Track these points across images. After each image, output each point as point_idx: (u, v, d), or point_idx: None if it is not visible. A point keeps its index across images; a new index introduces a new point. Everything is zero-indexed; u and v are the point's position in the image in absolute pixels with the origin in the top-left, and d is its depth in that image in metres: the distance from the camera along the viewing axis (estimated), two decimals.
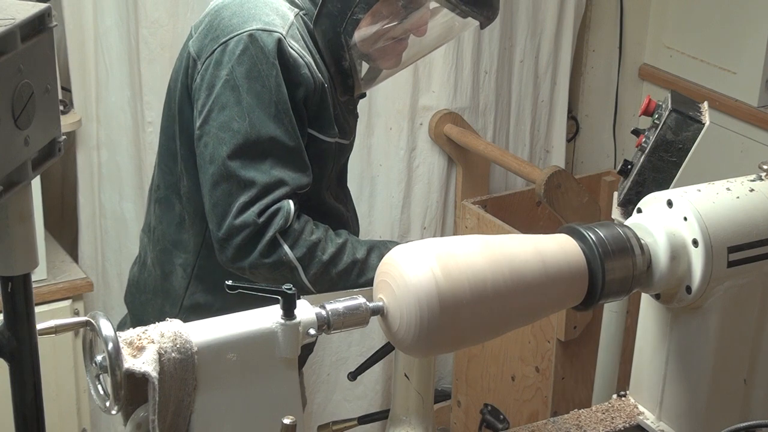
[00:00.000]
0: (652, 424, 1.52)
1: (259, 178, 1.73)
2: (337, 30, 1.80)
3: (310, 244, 1.76)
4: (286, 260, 1.74)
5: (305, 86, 1.77)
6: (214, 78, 1.76)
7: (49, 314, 2.39)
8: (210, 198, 1.76)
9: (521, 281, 1.30)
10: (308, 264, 1.76)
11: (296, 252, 1.74)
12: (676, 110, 1.88)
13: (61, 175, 2.92)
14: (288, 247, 1.74)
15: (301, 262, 1.75)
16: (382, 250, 1.83)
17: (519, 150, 3.45)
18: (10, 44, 0.95)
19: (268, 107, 1.73)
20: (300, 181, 1.76)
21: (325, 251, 1.77)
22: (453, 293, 1.24)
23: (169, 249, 1.94)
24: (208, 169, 1.76)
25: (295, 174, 1.76)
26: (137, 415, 1.20)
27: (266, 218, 1.72)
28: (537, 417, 2.88)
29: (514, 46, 3.34)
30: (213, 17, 1.81)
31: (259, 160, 1.73)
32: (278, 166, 1.74)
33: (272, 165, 1.74)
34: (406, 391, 1.59)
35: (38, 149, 1.03)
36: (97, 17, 2.70)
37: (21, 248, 1.04)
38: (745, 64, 3.15)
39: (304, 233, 1.76)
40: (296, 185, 1.76)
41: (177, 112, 1.86)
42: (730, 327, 1.44)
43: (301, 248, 1.75)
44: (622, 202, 1.94)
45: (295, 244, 1.75)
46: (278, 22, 1.77)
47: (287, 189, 1.74)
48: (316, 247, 1.77)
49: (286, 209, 1.73)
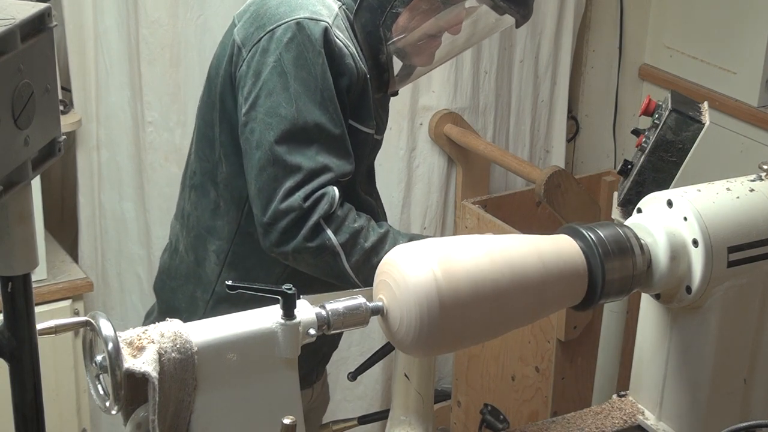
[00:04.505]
0: (652, 424, 1.52)
1: (305, 163, 1.74)
2: (377, 23, 1.83)
3: (353, 231, 1.77)
4: (330, 245, 1.75)
5: (349, 76, 1.79)
6: (261, 65, 1.77)
7: (49, 314, 2.39)
8: (255, 183, 1.78)
9: (521, 281, 1.30)
10: (351, 250, 1.77)
11: (339, 237, 1.76)
12: (676, 110, 1.88)
13: (61, 175, 2.92)
14: (332, 232, 1.75)
15: (344, 248, 1.76)
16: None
17: (519, 150, 3.45)
18: (10, 44, 0.95)
19: (315, 94, 1.75)
20: (344, 168, 1.78)
21: (368, 239, 1.78)
22: (453, 293, 1.24)
23: (203, 235, 1.96)
24: (254, 154, 1.77)
25: (340, 161, 1.78)
26: (137, 415, 1.20)
27: (311, 203, 1.74)
28: (537, 417, 2.88)
29: (514, 46, 3.34)
30: (259, 6, 1.83)
31: (305, 146, 1.75)
32: (323, 152, 1.76)
33: (318, 151, 1.75)
34: (406, 391, 1.59)
35: (38, 149, 1.03)
36: (97, 17, 2.70)
37: (21, 248, 1.04)
38: (745, 64, 3.15)
39: (348, 220, 1.77)
40: (340, 172, 1.77)
41: (218, 99, 1.88)
42: (730, 327, 1.44)
43: (344, 234, 1.76)
44: (622, 202, 1.94)
45: (339, 230, 1.76)
46: (324, 12, 1.79)
47: (332, 175, 1.76)
48: (359, 234, 1.78)
49: (331, 195, 1.75)
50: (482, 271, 1.27)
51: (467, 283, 1.25)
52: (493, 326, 1.32)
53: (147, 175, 2.82)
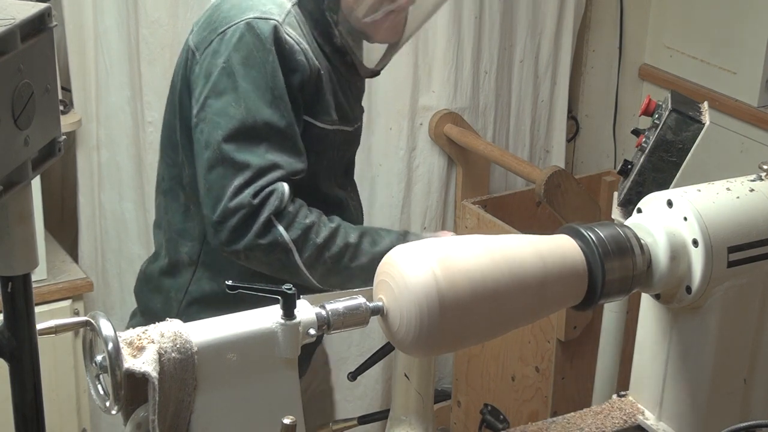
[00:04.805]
0: (652, 424, 1.52)
1: (254, 161, 1.75)
2: (321, 8, 1.84)
3: (305, 227, 1.78)
4: (281, 242, 1.76)
5: (301, 72, 1.80)
6: (212, 66, 1.79)
7: (49, 314, 2.39)
8: (205, 182, 1.78)
9: (521, 281, 1.30)
10: (302, 246, 1.78)
11: (291, 233, 1.76)
12: (676, 110, 1.88)
13: (61, 175, 2.92)
14: (283, 228, 1.76)
15: (296, 244, 1.77)
16: (374, 236, 1.85)
17: (519, 150, 3.45)
18: (10, 44, 0.95)
19: (264, 93, 1.76)
20: (294, 166, 1.79)
21: (319, 234, 1.79)
22: (453, 293, 1.24)
23: (175, 238, 1.97)
24: (203, 154, 1.78)
25: (290, 159, 1.78)
26: (137, 415, 1.20)
27: (261, 200, 1.74)
28: (537, 417, 2.88)
29: (514, 46, 3.34)
30: (212, 11, 1.86)
31: (254, 144, 1.76)
32: (273, 150, 1.77)
33: (267, 149, 1.76)
34: (406, 391, 1.59)
35: (38, 149, 1.03)
36: (97, 17, 2.70)
37: (21, 248, 1.04)
38: (745, 64, 3.15)
39: (299, 216, 1.78)
40: (291, 170, 1.78)
41: (178, 103, 1.90)
42: (730, 327, 1.44)
43: (295, 230, 1.77)
44: (622, 202, 1.94)
45: (290, 226, 1.77)
46: (275, 11, 1.80)
47: (282, 172, 1.77)
48: (311, 230, 1.78)
49: (280, 191, 1.75)
50: (482, 271, 1.27)
51: (467, 283, 1.25)
52: (493, 326, 1.32)
53: (147, 175, 2.81)
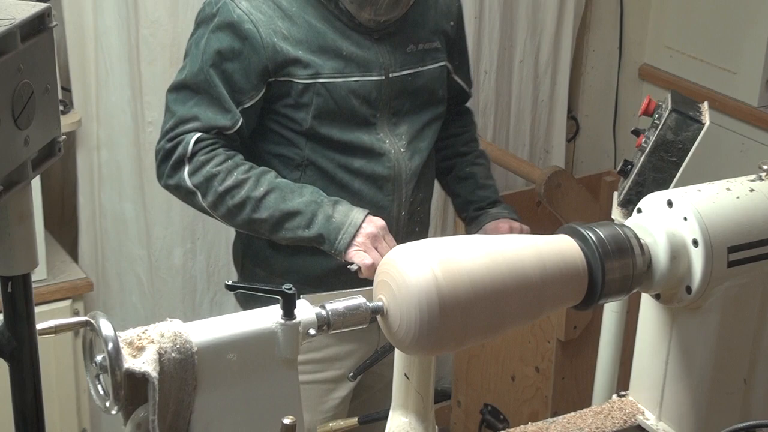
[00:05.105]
0: (652, 424, 1.52)
1: (180, 111, 2.03)
2: None
3: (209, 175, 2.00)
4: (184, 185, 2.02)
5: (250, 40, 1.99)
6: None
7: (49, 314, 2.37)
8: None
9: (521, 281, 1.30)
10: (205, 192, 2.01)
11: (193, 180, 2.01)
12: (676, 110, 1.88)
13: (61, 175, 2.92)
14: (187, 174, 2.01)
15: (199, 189, 2.01)
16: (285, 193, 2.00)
17: (519, 150, 3.45)
18: (10, 44, 0.95)
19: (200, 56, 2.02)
20: (216, 121, 2.01)
21: (223, 183, 2.00)
22: (453, 293, 1.24)
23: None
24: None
25: (213, 114, 2.01)
26: (137, 415, 1.20)
27: (172, 146, 2.02)
28: (537, 417, 2.88)
29: (514, 46, 3.34)
30: None
31: (187, 98, 2.04)
32: (200, 105, 2.02)
33: (196, 103, 2.03)
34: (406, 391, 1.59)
35: (38, 149, 1.03)
36: (97, 17, 2.70)
37: (21, 248, 1.04)
38: (745, 64, 3.15)
39: (208, 165, 2.00)
40: (209, 124, 2.01)
41: None
42: (730, 327, 1.44)
43: (198, 177, 2.00)
44: (622, 202, 1.94)
45: (195, 173, 2.01)
46: None
47: (198, 124, 2.01)
48: (214, 178, 2.00)
49: (188, 140, 2.00)
50: (482, 271, 1.27)
51: (467, 283, 1.25)
52: (493, 326, 1.32)
53: (147, 175, 2.81)
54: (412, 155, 2.13)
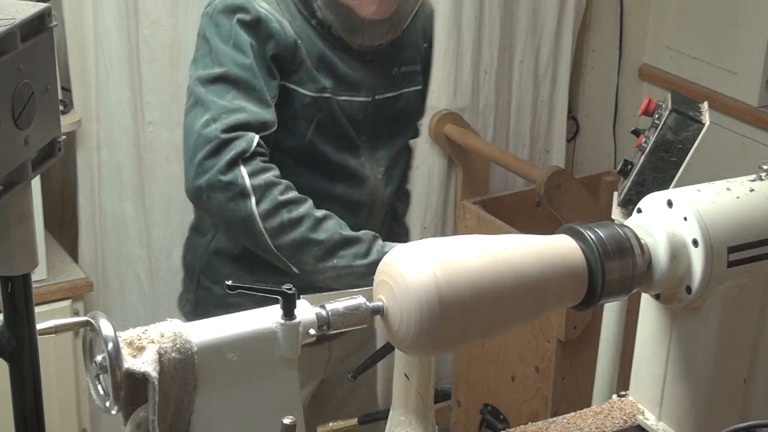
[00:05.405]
0: (652, 424, 1.52)
1: (221, 102, 1.86)
2: None
3: (270, 182, 1.84)
4: (241, 183, 1.82)
5: (275, 39, 1.91)
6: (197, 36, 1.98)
7: (49, 314, 2.37)
8: (185, 127, 1.90)
9: (521, 281, 1.30)
10: (262, 197, 1.83)
11: (254, 180, 1.82)
12: (676, 110, 1.88)
13: (61, 175, 2.92)
14: (246, 172, 1.82)
15: (255, 193, 1.82)
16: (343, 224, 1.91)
17: (519, 150, 3.45)
18: (10, 44, 0.95)
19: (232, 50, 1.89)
20: (261, 116, 1.87)
21: (284, 194, 1.85)
22: (453, 293, 1.24)
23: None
24: (186, 103, 1.92)
25: (257, 108, 1.87)
26: (137, 415, 1.20)
27: (228, 137, 1.82)
28: (537, 417, 2.88)
29: (514, 46, 3.34)
30: None
31: (222, 90, 1.88)
32: (240, 97, 1.87)
33: (235, 96, 1.87)
34: (406, 391, 1.59)
35: (38, 149, 1.03)
36: (97, 17, 2.70)
37: (21, 248, 1.04)
38: (745, 64, 3.15)
39: (268, 173, 1.85)
40: (256, 118, 1.86)
41: None
42: (730, 327, 1.44)
43: (259, 179, 1.83)
44: (622, 202, 1.94)
45: (255, 175, 1.83)
46: None
47: (247, 116, 1.85)
48: (275, 187, 1.84)
49: (249, 137, 1.84)
50: (482, 271, 1.27)
51: (467, 283, 1.25)
52: (493, 326, 1.32)
53: (147, 175, 2.82)
54: (387, 182, 2.10)
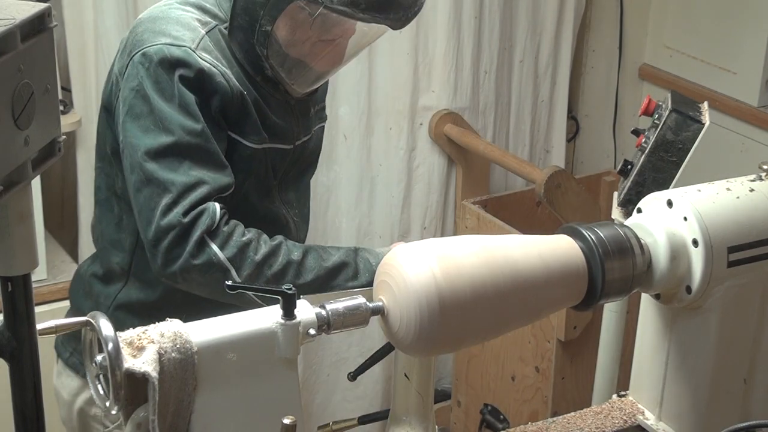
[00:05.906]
0: (652, 424, 1.52)
1: (179, 179, 1.73)
2: (251, 42, 1.83)
3: (241, 245, 1.74)
4: (217, 261, 1.73)
5: (221, 93, 1.79)
6: (126, 91, 1.80)
7: (49, 314, 2.38)
8: (136, 206, 1.77)
9: (521, 281, 1.30)
10: (240, 264, 1.74)
11: (226, 252, 1.73)
12: (676, 110, 1.88)
13: (61, 175, 2.92)
14: (217, 247, 1.73)
15: (233, 263, 1.73)
16: (320, 252, 1.83)
17: (519, 150, 3.45)
18: (10, 44, 0.96)
19: (179, 113, 1.75)
20: (220, 180, 1.77)
21: (258, 251, 1.76)
22: (453, 293, 1.24)
23: (108, 248, 1.97)
24: (131, 178, 1.78)
25: (215, 174, 1.76)
26: (137, 415, 1.20)
27: (192, 218, 1.72)
28: (537, 417, 2.88)
29: (514, 46, 3.34)
30: (130, 34, 1.86)
31: (176, 162, 1.74)
32: (196, 166, 1.75)
33: (190, 166, 1.75)
34: (406, 391, 1.59)
35: (38, 149, 1.03)
36: (97, 17, 2.70)
37: (21, 248, 1.04)
38: (745, 64, 3.15)
39: (234, 234, 1.75)
40: (217, 185, 1.76)
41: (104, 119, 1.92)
42: (730, 327, 1.44)
43: (231, 249, 1.74)
44: (622, 202, 1.94)
45: (225, 245, 1.73)
46: (187, 36, 1.80)
47: (208, 188, 1.74)
48: (248, 248, 1.75)
49: (211, 210, 1.73)
50: (482, 272, 1.27)
51: (467, 283, 1.25)
52: (493, 326, 1.32)
53: None
54: (303, 222, 2.06)
